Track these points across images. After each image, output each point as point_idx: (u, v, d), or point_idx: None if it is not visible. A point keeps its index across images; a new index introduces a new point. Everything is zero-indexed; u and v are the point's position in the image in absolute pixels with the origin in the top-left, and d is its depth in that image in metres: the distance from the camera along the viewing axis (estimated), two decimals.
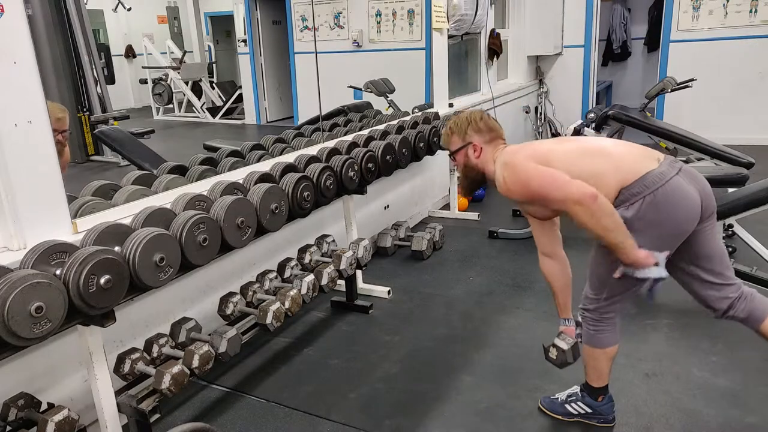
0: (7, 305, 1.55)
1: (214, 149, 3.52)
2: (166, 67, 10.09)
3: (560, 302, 2.17)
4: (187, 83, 9.75)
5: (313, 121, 4.46)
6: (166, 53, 10.57)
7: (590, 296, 2.03)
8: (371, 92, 5.00)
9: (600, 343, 2.05)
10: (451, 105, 5.15)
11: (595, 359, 2.10)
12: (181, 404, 2.45)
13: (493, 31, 6.28)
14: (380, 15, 6.61)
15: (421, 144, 3.93)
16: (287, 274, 2.97)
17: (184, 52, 10.58)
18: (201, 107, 9.68)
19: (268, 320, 2.47)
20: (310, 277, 2.77)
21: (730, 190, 3.42)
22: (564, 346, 2.13)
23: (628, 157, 1.87)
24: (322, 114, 4.44)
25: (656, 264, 1.77)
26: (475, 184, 2.18)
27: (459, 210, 4.81)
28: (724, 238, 3.62)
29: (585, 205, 1.73)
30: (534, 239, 2.12)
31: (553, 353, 2.17)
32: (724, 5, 6.53)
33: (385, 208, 4.23)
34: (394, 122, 4.19)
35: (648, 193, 1.78)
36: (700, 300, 2.02)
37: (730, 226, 3.32)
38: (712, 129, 5.83)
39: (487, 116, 2.14)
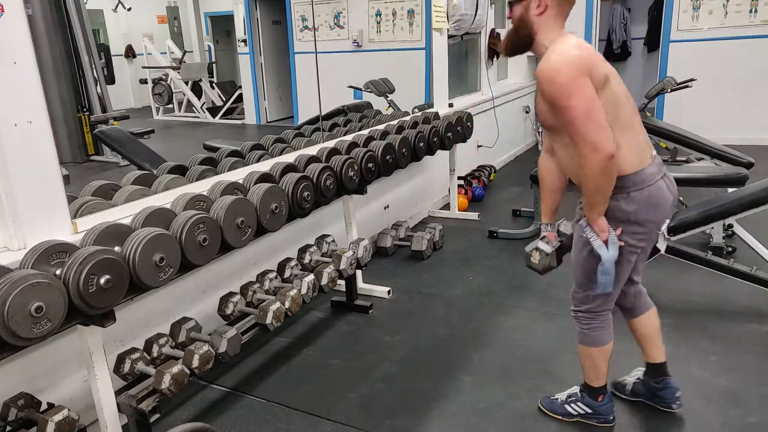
0: (7, 305, 1.55)
1: (214, 149, 3.52)
2: (166, 67, 10.10)
3: (547, 203, 2.14)
4: (187, 83, 9.76)
5: (313, 121, 4.46)
6: (166, 53, 10.58)
7: (579, 296, 2.04)
8: (371, 92, 5.00)
9: (595, 342, 2.06)
10: (451, 105, 5.15)
11: (591, 358, 2.10)
12: (181, 404, 2.45)
13: (493, 31, 6.27)
14: (380, 15, 6.61)
15: (421, 144, 3.93)
16: (287, 274, 2.97)
17: (184, 52, 10.59)
18: (201, 107, 9.69)
19: (268, 320, 2.47)
20: (310, 277, 2.77)
21: (730, 190, 3.42)
22: (548, 249, 2.07)
23: (638, 145, 1.85)
24: (322, 114, 4.45)
25: (606, 241, 1.82)
26: (519, 45, 1.93)
27: (459, 210, 4.81)
28: (723, 238, 3.63)
29: (599, 155, 1.68)
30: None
31: (536, 257, 2.09)
32: (724, 5, 6.53)
33: (385, 208, 4.23)
34: (394, 122, 4.19)
35: (635, 189, 1.82)
36: None
37: (730, 226, 3.32)
38: (712, 129, 5.84)
39: None
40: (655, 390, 2.23)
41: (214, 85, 10.19)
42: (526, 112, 7.21)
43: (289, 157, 3.11)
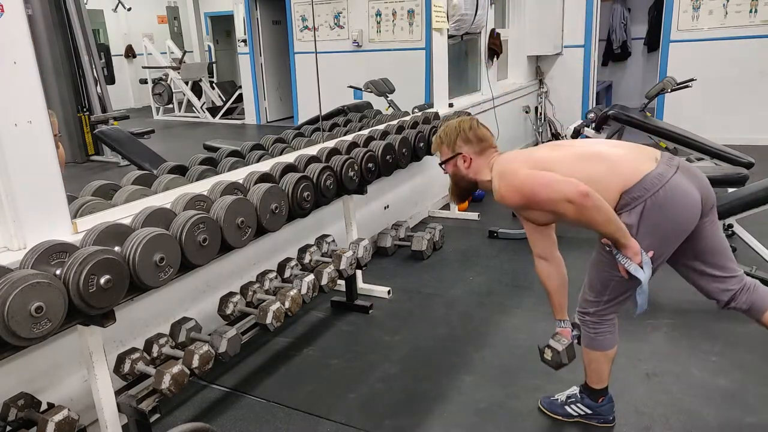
0: (7, 305, 1.55)
1: (214, 149, 3.53)
2: (166, 67, 10.10)
3: (555, 303, 2.15)
4: (187, 83, 9.75)
5: (313, 121, 4.46)
6: (166, 53, 10.58)
7: (590, 299, 2.02)
8: (371, 92, 5.00)
9: (600, 346, 2.05)
10: (451, 105, 5.15)
11: (595, 362, 2.10)
12: (181, 404, 2.45)
13: (493, 31, 6.27)
14: (380, 15, 6.61)
15: (421, 144, 3.93)
16: (287, 274, 2.97)
17: (184, 52, 10.58)
18: (201, 107, 9.68)
19: (268, 320, 2.47)
20: (310, 277, 2.77)
21: (730, 190, 3.42)
22: (559, 347, 2.11)
23: (625, 160, 1.86)
24: (322, 114, 4.44)
25: (640, 264, 1.80)
26: (465, 193, 2.20)
27: (459, 210, 4.81)
28: None
29: (577, 203, 1.73)
30: (528, 241, 2.12)
31: (548, 354, 2.15)
32: (724, 5, 6.53)
33: (385, 208, 4.23)
34: (394, 122, 4.19)
35: (649, 195, 1.78)
36: (704, 292, 2.05)
37: (730, 226, 3.32)
38: (712, 129, 5.84)
39: (476, 124, 2.11)
40: None
41: (214, 85, 10.19)
42: (526, 112, 7.21)
43: (289, 157, 3.11)
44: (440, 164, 2.18)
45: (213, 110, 9.63)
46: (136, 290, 1.96)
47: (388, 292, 3.38)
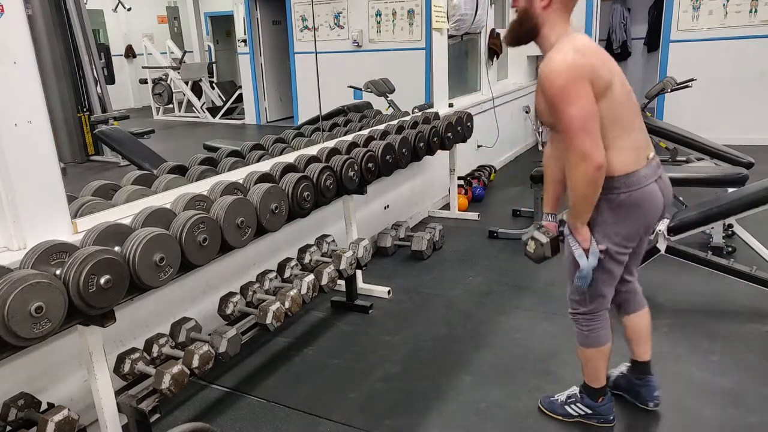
0: (7, 305, 1.55)
1: (214, 149, 3.52)
2: (166, 67, 10.10)
3: (549, 193, 2.13)
4: (187, 83, 9.76)
5: (313, 121, 4.46)
6: (166, 53, 10.58)
7: (575, 298, 2.05)
8: (371, 92, 5.00)
9: (595, 342, 2.06)
10: (451, 105, 5.15)
11: (591, 359, 2.10)
12: (181, 404, 2.45)
13: (493, 31, 6.28)
14: (380, 15, 6.61)
15: (421, 144, 3.93)
16: (287, 274, 2.97)
17: (184, 52, 10.59)
18: (201, 107, 9.69)
19: (268, 320, 2.47)
20: (310, 277, 2.77)
21: (730, 190, 3.42)
22: (543, 239, 2.07)
23: (634, 146, 1.85)
24: (322, 114, 4.45)
25: (586, 250, 1.86)
26: (523, 37, 1.87)
27: (459, 210, 4.81)
28: (723, 238, 3.63)
29: (588, 165, 1.70)
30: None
31: (531, 246, 2.09)
32: (724, 5, 6.53)
33: (385, 208, 4.23)
34: (394, 122, 4.19)
35: (625, 191, 1.83)
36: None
37: (730, 226, 3.32)
38: (712, 129, 5.84)
39: None
40: (635, 386, 2.26)
41: (214, 85, 10.19)
42: (526, 112, 7.21)
43: (289, 157, 3.11)
44: None
45: (213, 110, 9.64)
46: (136, 290, 1.96)
47: (388, 292, 3.38)
